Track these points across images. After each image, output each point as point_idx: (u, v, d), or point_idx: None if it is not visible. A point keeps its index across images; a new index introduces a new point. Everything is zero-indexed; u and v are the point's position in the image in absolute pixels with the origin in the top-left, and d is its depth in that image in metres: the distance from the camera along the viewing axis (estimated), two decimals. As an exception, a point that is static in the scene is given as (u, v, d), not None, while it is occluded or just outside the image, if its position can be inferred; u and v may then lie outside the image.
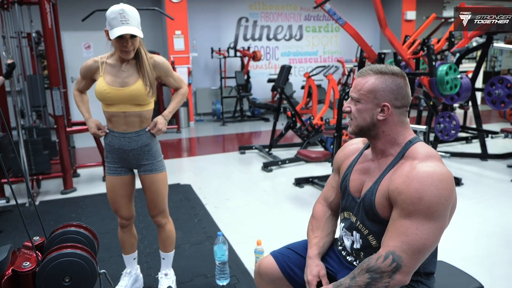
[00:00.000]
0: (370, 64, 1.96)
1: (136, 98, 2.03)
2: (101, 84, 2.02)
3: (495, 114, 8.33)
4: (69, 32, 7.75)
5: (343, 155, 1.55)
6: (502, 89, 4.43)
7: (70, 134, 4.73)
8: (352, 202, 1.41)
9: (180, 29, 7.87)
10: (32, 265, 0.94)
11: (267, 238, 2.87)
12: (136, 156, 2.12)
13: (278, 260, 1.55)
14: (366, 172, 1.40)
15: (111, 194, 2.19)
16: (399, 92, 1.29)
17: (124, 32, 1.88)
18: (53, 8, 4.41)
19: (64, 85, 4.87)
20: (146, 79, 2.03)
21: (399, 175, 1.24)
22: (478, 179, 4.42)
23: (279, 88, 5.68)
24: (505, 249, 2.84)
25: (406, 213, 1.18)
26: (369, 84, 1.29)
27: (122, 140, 2.09)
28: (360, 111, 1.32)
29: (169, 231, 2.33)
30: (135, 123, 2.08)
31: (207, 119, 8.99)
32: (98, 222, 3.45)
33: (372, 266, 1.20)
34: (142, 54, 2.05)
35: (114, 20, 1.88)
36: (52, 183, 4.52)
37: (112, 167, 2.16)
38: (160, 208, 2.24)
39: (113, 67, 2.05)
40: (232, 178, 4.74)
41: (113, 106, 2.05)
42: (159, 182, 2.19)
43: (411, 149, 1.29)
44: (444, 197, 1.17)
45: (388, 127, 1.31)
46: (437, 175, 1.18)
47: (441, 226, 1.19)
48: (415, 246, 1.17)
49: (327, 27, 9.97)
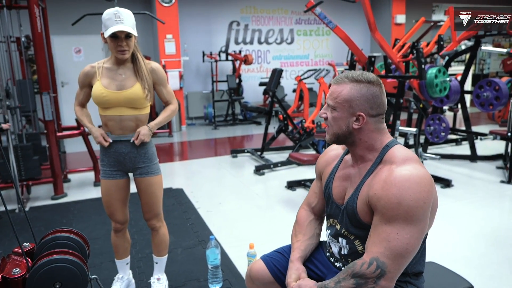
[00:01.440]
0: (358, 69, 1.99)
1: (133, 101, 2.03)
2: (98, 87, 2.02)
3: (484, 116, 8.43)
4: (59, 36, 7.70)
5: (324, 162, 1.56)
6: (490, 91, 4.49)
7: (60, 139, 4.70)
8: (336, 209, 1.43)
9: (171, 33, 7.87)
10: (22, 271, 0.93)
11: (259, 242, 2.87)
12: (132, 159, 2.12)
13: (268, 264, 1.55)
14: (348, 178, 1.41)
15: (106, 198, 2.18)
16: (375, 101, 1.30)
17: (118, 29, 1.89)
18: (42, 12, 4.39)
19: (54, 90, 4.84)
20: (145, 82, 2.04)
21: (378, 180, 1.25)
22: (468, 181, 4.47)
23: (271, 92, 5.70)
24: (494, 249, 2.87)
25: (386, 219, 1.20)
26: (345, 92, 1.30)
27: (118, 144, 2.09)
28: (336, 119, 1.33)
29: (163, 234, 2.32)
30: (131, 126, 2.09)
31: (199, 123, 8.98)
32: (90, 227, 3.43)
33: (357, 272, 1.21)
34: (139, 57, 2.07)
35: (109, 20, 1.91)
36: (42, 189, 4.48)
37: (108, 170, 2.15)
38: (155, 211, 2.24)
39: (110, 71, 2.06)
40: (224, 182, 4.73)
41: (109, 109, 2.05)
42: (155, 185, 2.19)
43: (389, 153, 1.30)
44: (423, 200, 1.18)
45: (365, 134, 1.32)
46: (414, 178, 1.19)
47: (422, 228, 1.20)
48: (397, 251, 1.18)
49: (318, 31, 10.03)
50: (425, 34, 7.27)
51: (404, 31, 9.46)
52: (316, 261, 1.53)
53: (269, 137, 5.73)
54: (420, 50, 4.20)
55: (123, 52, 1.98)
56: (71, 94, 7.94)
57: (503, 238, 3.03)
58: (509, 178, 4.27)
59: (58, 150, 4.27)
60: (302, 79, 6.47)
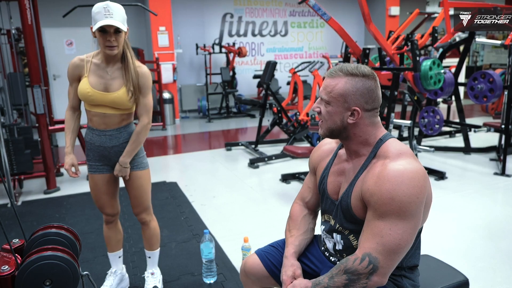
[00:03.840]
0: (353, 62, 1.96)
1: (117, 104, 2.01)
2: (85, 85, 1.98)
3: (478, 108, 8.47)
4: (50, 28, 7.60)
5: (318, 156, 1.54)
6: (484, 83, 4.49)
7: (52, 132, 4.65)
8: (331, 205, 1.42)
9: (164, 25, 7.80)
10: (11, 268, 0.91)
11: (254, 235, 2.87)
12: (118, 153, 2.09)
13: (263, 258, 1.55)
14: (342, 173, 1.39)
15: (94, 192, 2.17)
16: (370, 95, 1.28)
17: (106, 23, 1.85)
18: (32, 4, 4.31)
19: (45, 83, 4.78)
20: (130, 84, 1.99)
21: (371, 175, 1.24)
22: (462, 173, 4.49)
23: (265, 84, 5.67)
24: (488, 241, 2.88)
25: (379, 214, 1.19)
26: (340, 87, 1.27)
27: (102, 138, 2.07)
28: (330, 113, 1.30)
29: (154, 228, 2.31)
30: (115, 122, 2.07)
31: (192, 116, 8.94)
32: (83, 221, 3.40)
33: (350, 268, 1.21)
34: (128, 57, 2.00)
35: (98, 14, 1.86)
36: (35, 183, 4.44)
37: (94, 165, 2.13)
38: (144, 205, 2.22)
39: (98, 68, 2.01)
40: (219, 175, 4.72)
41: (94, 107, 2.03)
42: (142, 178, 2.16)
43: (383, 147, 1.28)
44: (416, 195, 1.17)
45: (359, 129, 1.30)
46: (407, 173, 1.18)
47: (415, 224, 1.19)
48: (390, 247, 1.17)
49: (312, 23, 9.99)
50: (419, 26, 7.26)
51: (398, 23, 9.45)
52: (311, 255, 1.52)
53: (263, 130, 5.71)
54: (415, 42, 4.19)
55: (112, 48, 1.93)
56: (63, 87, 7.89)
57: (497, 230, 3.05)
58: (503, 170, 4.30)
59: (50, 144, 4.23)
60: (296, 72, 6.44)
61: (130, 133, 2.11)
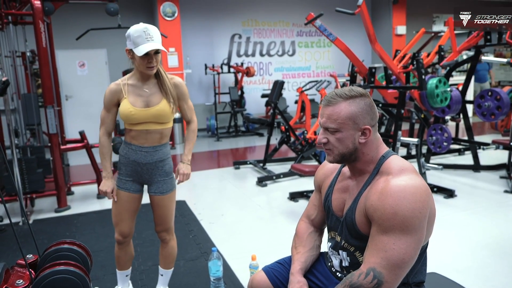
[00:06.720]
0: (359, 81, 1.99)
1: (160, 117, 2.08)
2: (127, 105, 2.05)
3: (487, 125, 8.42)
4: (63, 50, 7.79)
5: (322, 174, 1.57)
6: (491, 101, 4.50)
7: (64, 152, 4.73)
8: (336, 221, 1.44)
9: (173, 46, 7.94)
10: (25, 283, 0.94)
11: (262, 253, 2.86)
12: (150, 171, 2.14)
13: (270, 275, 1.56)
14: (346, 190, 1.42)
15: (116, 206, 2.20)
16: (373, 111, 1.33)
17: (152, 48, 1.93)
18: (47, 28, 4.45)
19: (58, 103, 4.89)
20: (170, 97, 2.08)
21: (374, 191, 1.26)
22: (472, 191, 4.45)
23: (273, 103, 5.73)
24: (499, 260, 2.85)
25: (383, 229, 1.20)
26: (345, 111, 1.30)
27: (139, 154, 2.12)
28: (341, 140, 1.32)
29: (172, 247, 2.34)
30: (155, 139, 2.13)
31: (201, 135, 9.01)
32: (93, 240, 3.43)
33: (355, 283, 1.22)
34: (161, 72, 2.10)
35: (139, 38, 1.93)
36: (46, 201, 4.50)
37: (124, 180, 2.17)
38: (167, 224, 2.26)
39: (135, 87, 2.09)
40: (227, 194, 4.74)
41: (136, 125, 2.08)
42: (169, 198, 2.22)
43: (385, 164, 1.31)
44: (418, 210, 1.18)
45: (368, 147, 1.34)
46: (409, 188, 1.20)
47: (419, 238, 1.21)
48: (394, 261, 1.19)
49: (319, 43, 10.10)
50: (426, 45, 7.31)
51: (405, 42, 9.51)
52: (317, 272, 1.53)
53: (272, 149, 5.74)
54: (420, 60, 4.23)
55: (152, 68, 2.02)
56: (75, 108, 8.05)
57: (507, 249, 3.01)
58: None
59: (62, 163, 4.29)
60: (303, 91, 6.51)
61: (164, 152, 2.17)
